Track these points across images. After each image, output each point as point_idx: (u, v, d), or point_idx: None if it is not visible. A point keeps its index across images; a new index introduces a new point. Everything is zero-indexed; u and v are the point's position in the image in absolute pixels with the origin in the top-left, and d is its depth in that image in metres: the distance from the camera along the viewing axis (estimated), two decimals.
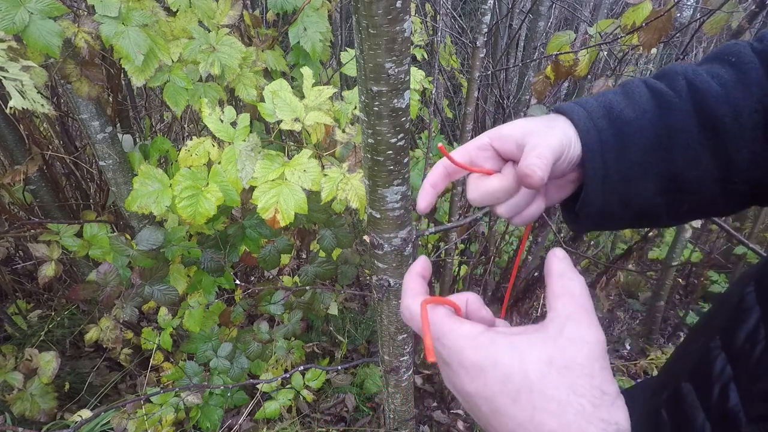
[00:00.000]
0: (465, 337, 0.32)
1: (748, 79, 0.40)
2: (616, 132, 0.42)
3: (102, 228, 1.44)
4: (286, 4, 1.29)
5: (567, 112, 0.43)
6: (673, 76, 0.43)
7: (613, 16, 3.29)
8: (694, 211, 0.45)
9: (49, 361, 1.43)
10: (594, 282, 1.90)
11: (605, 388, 0.29)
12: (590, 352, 0.30)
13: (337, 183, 1.03)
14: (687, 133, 0.41)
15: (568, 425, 0.28)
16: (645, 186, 0.43)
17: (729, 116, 0.40)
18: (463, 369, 0.32)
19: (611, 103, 0.43)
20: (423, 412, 2.02)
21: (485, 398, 0.31)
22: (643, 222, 0.47)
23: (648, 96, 0.43)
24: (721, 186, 0.42)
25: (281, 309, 1.52)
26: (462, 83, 2.79)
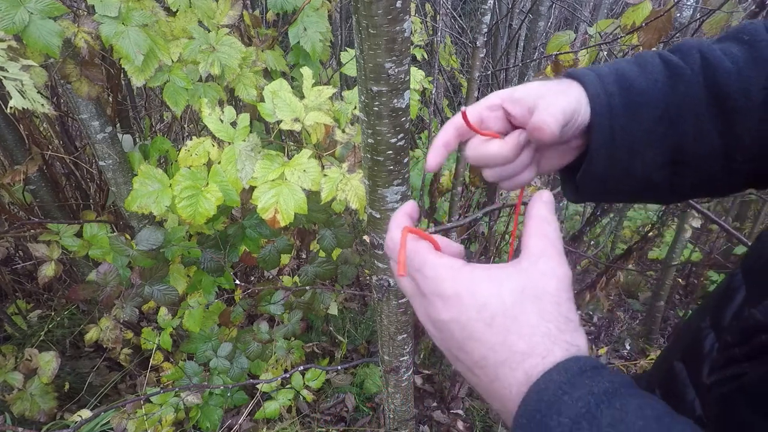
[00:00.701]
0: (446, 267, 0.34)
1: (761, 56, 0.40)
2: (626, 100, 0.42)
3: (102, 228, 1.44)
4: (286, 4, 1.29)
5: (579, 77, 0.43)
6: (688, 50, 0.43)
7: (613, 16, 3.29)
8: (693, 187, 0.46)
9: (49, 361, 1.43)
10: (594, 282, 1.90)
11: (570, 315, 0.32)
12: (559, 283, 0.33)
13: (337, 183, 1.03)
14: (696, 106, 0.41)
15: (536, 346, 0.31)
16: (650, 156, 0.43)
17: (739, 92, 0.40)
18: (439, 298, 0.34)
19: (624, 71, 0.43)
20: (423, 412, 2.02)
21: (460, 324, 0.33)
22: (644, 195, 0.47)
23: (661, 67, 0.43)
24: (722, 164, 0.42)
25: (281, 309, 1.52)
26: (462, 83, 2.79)
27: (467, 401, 2.09)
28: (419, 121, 3.28)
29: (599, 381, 0.29)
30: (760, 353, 0.33)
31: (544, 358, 0.30)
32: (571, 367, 0.29)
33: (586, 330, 2.97)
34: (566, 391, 0.28)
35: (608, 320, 3.01)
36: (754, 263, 0.41)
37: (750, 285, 0.41)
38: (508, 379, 0.31)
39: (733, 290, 0.41)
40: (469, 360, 0.33)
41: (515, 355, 0.31)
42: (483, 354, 0.32)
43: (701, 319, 0.45)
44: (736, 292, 0.41)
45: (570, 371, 0.29)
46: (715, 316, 0.43)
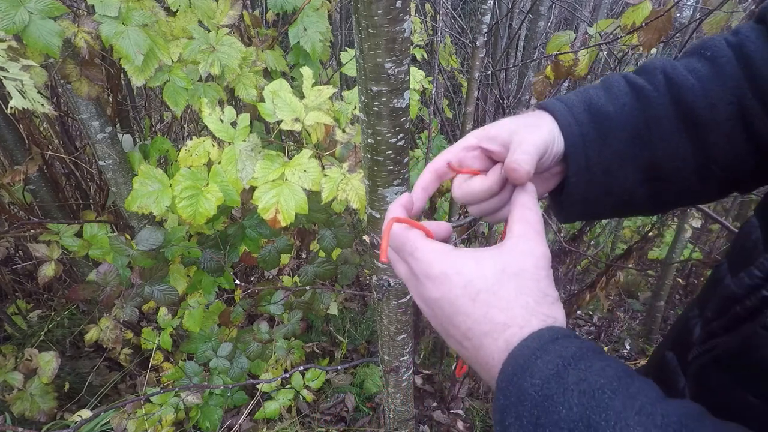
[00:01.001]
0: (435, 251, 0.37)
1: (723, 72, 0.42)
2: (597, 125, 0.44)
3: (102, 228, 1.44)
4: (286, 4, 1.29)
5: (549, 108, 0.45)
6: (651, 70, 0.45)
7: (613, 16, 3.29)
8: (675, 200, 0.48)
9: (49, 361, 1.43)
10: (594, 282, 1.90)
11: (548, 291, 0.35)
12: (537, 261, 0.36)
13: (338, 183, 1.03)
14: (665, 125, 0.43)
15: (514, 318, 0.34)
16: (626, 176, 0.45)
17: (705, 108, 0.42)
18: (429, 279, 0.37)
19: (591, 98, 0.45)
20: (423, 412, 2.02)
21: (449, 301, 0.36)
22: (627, 211, 0.49)
23: (627, 90, 0.45)
24: (699, 175, 0.44)
25: (281, 309, 1.52)
26: (462, 83, 2.79)
27: (467, 401, 2.09)
28: (419, 121, 3.28)
29: (568, 346, 0.32)
30: (735, 324, 0.35)
31: (521, 328, 0.33)
32: (544, 335, 0.32)
33: (586, 330, 2.97)
34: (539, 356, 0.31)
35: (608, 320, 3.01)
36: (739, 253, 0.43)
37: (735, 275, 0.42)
38: (491, 348, 0.34)
39: (718, 280, 0.43)
40: (458, 333, 0.36)
41: (497, 326, 0.34)
42: (469, 326, 0.35)
43: (690, 310, 0.47)
44: (721, 281, 0.42)
45: (543, 338, 0.32)
46: (701, 305, 0.45)
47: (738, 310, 0.35)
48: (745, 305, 0.34)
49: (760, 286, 0.33)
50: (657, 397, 0.29)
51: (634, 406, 0.28)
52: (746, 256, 0.40)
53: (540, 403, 0.30)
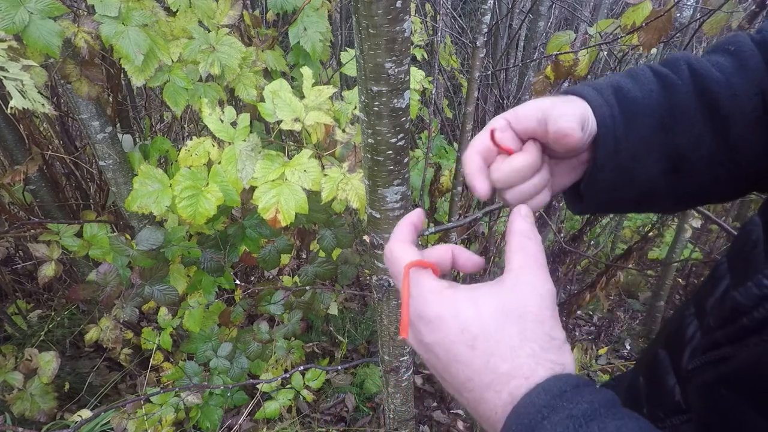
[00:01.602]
0: (431, 291, 0.34)
1: (747, 66, 0.41)
2: (625, 110, 0.43)
3: (102, 228, 1.44)
4: (286, 4, 1.29)
5: (578, 92, 0.44)
6: (676, 62, 0.45)
7: (613, 16, 3.29)
8: (696, 194, 0.46)
9: (49, 361, 1.42)
10: (594, 282, 1.90)
11: (554, 333, 0.32)
12: (542, 301, 0.33)
13: (338, 183, 1.03)
14: (689, 114, 0.42)
15: (519, 367, 0.31)
16: (651, 164, 0.44)
17: (728, 99, 0.41)
18: (422, 321, 0.34)
19: (619, 83, 0.44)
20: (423, 412, 2.02)
21: (444, 347, 0.33)
22: (647, 204, 0.48)
23: (653, 78, 0.44)
24: (723, 168, 0.43)
25: (281, 309, 1.52)
26: (462, 83, 2.79)
27: None
28: (419, 121, 3.28)
29: (579, 402, 0.29)
30: (741, 336, 0.33)
31: (527, 379, 0.30)
32: (551, 388, 0.29)
33: (585, 330, 2.97)
34: (545, 415, 0.28)
35: (608, 320, 3.01)
36: (739, 252, 0.42)
37: (734, 272, 0.41)
38: (494, 401, 0.31)
39: (717, 279, 0.42)
40: (455, 382, 0.33)
41: (500, 377, 0.31)
42: (468, 376, 0.32)
43: (685, 307, 0.46)
44: (720, 280, 0.42)
45: (550, 393, 0.29)
46: (698, 303, 0.44)
47: (745, 321, 0.33)
48: (753, 317, 0.32)
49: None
50: None
51: None
52: (746, 255, 0.40)
53: None
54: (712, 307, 0.41)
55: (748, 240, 0.41)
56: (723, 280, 0.42)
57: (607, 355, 2.70)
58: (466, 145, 1.64)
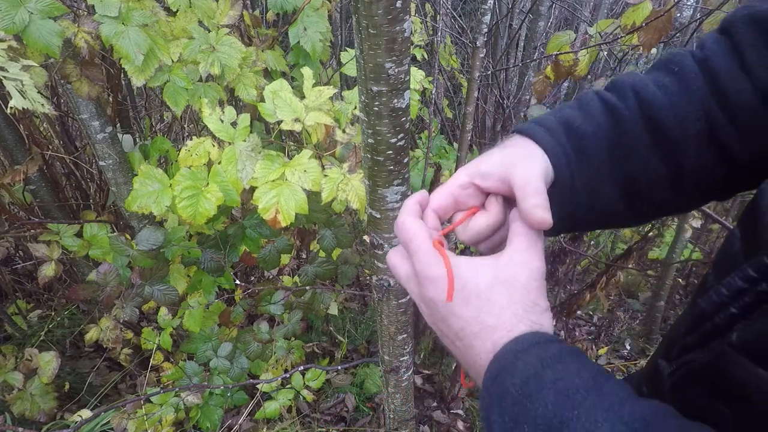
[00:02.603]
0: (435, 255, 0.39)
1: (690, 87, 0.43)
2: (576, 146, 0.45)
3: (102, 228, 1.44)
4: (286, 4, 1.29)
5: (529, 134, 0.45)
6: (622, 88, 0.46)
7: (613, 16, 3.28)
8: (654, 212, 0.49)
9: (49, 361, 1.42)
10: (594, 282, 1.90)
11: (538, 301, 0.38)
12: (531, 274, 0.38)
13: (338, 183, 1.03)
14: (638, 143, 0.44)
15: (503, 322, 0.36)
16: (606, 192, 0.46)
17: (674, 123, 0.43)
18: (428, 279, 0.39)
19: (569, 119, 0.46)
20: (423, 412, 2.02)
21: (443, 301, 0.38)
22: (610, 223, 0.51)
23: (601, 110, 0.46)
24: (673, 188, 0.45)
25: (281, 309, 1.52)
26: (462, 83, 2.79)
27: (467, 401, 2.09)
28: (419, 121, 3.28)
29: (548, 348, 0.34)
30: (706, 340, 0.36)
31: (508, 332, 0.36)
32: (527, 339, 0.35)
33: (585, 330, 2.97)
34: (520, 357, 0.34)
35: (608, 320, 3.01)
36: (722, 264, 0.43)
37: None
38: (480, 349, 0.37)
39: (706, 291, 0.43)
40: (450, 332, 0.39)
41: (486, 328, 0.37)
42: (461, 326, 0.38)
43: (683, 318, 0.47)
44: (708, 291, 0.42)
45: (526, 341, 0.35)
46: None
47: (708, 327, 0.36)
48: (714, 322, 0.35)
49: (727, 304, 0.34)
50: (627, 396, 0.30)
51: (604, 404, 0.30)
52: (728, 267, 0.41)
53: (519, 401, 0.32)
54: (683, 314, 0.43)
55: (729, 252, 0.43)
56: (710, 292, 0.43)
57: (607, 355, 2.70)
58: (466, 145, 1.64)
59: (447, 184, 0.46)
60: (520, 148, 0.45)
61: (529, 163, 0.42)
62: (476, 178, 0.44)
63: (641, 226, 3.54)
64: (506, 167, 0.42)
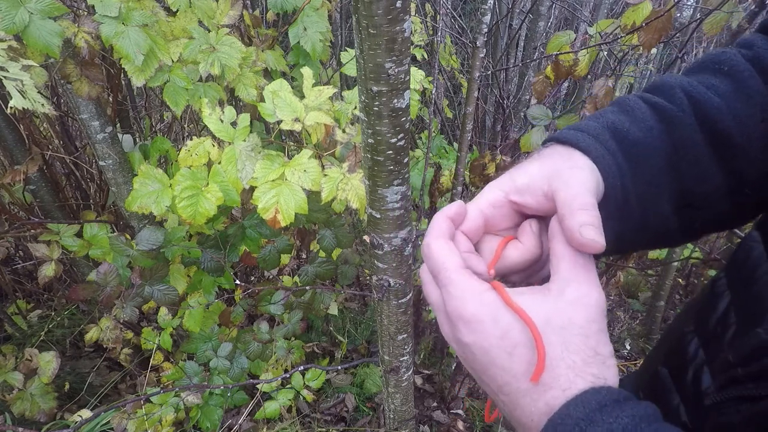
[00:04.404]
0: (470, 291, 0.33)
1: (747, 88, 0.38)
2: (627, 154, 0.39)
3: (102, 228, 1.44)
4: (286, 4, 1.29)
5: (572, 141, 0.39)
6: (669, 89, 0.41)
7: (613, 16, 3.28)
8: (707, 227, 0.44)
9: (49, 361, 1.42)
10: None
11: (599, 349, 0.30)
12: (588, 314, 0.31)
13: (338, 183, 1.03)
14: (694, 149, 0.39)
15: (557, 378, 0.30)
16: (660, 206, 0.40)
17: (735, 128, 0.38)
18: (461, 320, 0.33)
19: (614, 124, 0.40)
20: (423, 412, 2.02)
21: (483, 349, 0.32)
22: (659, 243, 0.45)
23: (650, 112, 0.40)
24: (731, 199, 0.40)
25: (281, 309, 1.52)
26: (462, 83, 2.79)
27: (467, 401, 2.09)
28: (419, 121, 3.28)
29: (619, 416, 0.27)
30: (764, 375, 0.32)
31: (564, 391, 0.29)
32: (590, 401, 0.28)
33: None
34: (583, 428, 0.28)
35: (608, 320, 3.00)
36: (740, 269, 0.40)
37: (735, 290, 0.39)
38: (530, 408, 0.31)
39: (716, 296, 0.40)
40: (493, 385, 0.33)
41: (537, 386, 0.30)
42: (506, 381, 0.32)
43: (684, 324, 0.44)
44: (719, 297, 0.40)
45: (589, 406, 0.28)
46: (698, 321, 0.42)
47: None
48: None
49: None
50: None
51: None
52: (748, 275, 0.38)
53: None
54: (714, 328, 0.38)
55: (749, 257, 0.39)
56: (723, 297, 0.40)
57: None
58: (466, 145, 1.64)
59: (477, 201, 0.39)
60: (561, 158, 0.38)
61: (577, 175, 0.35)
62: (512, 194, 0.37)
63: None
64: (548, 179, 0.36)
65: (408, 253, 0.88)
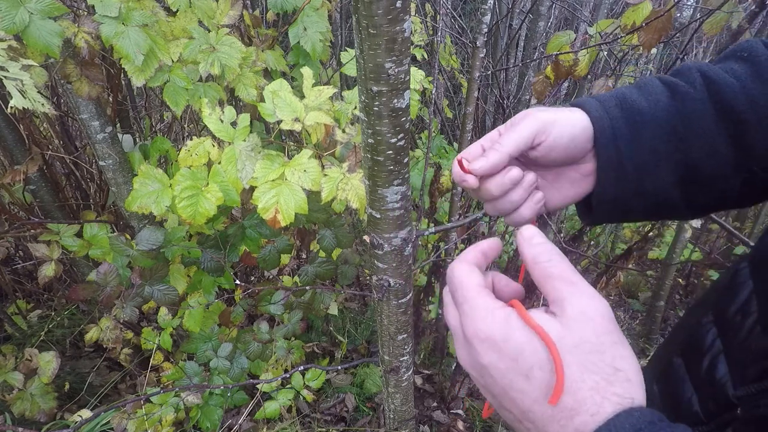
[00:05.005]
0: (483, 308, 0.32)
1: (765, 71, 0.40)
2: (629, 120, 0.42)
3: (102, 228, 1.44)
4: (286, 4, 1.29)
5: (580, 104, 0.44)
6: (687, 71, 0.44)
7: (613, 16, 3.28)
8: (711, 203, 0.45)
9: (49, 361, 1.42)
10: (594, 282, 1.90)
11: (618, 363, 0.29)
12: (595, 327, 0.30)
13: (337, 183, 1.03)
14: (704, 122, 0.41)
15: (583, 401, 0.28)
16: (660, 176, 0.42)
17: (746, 105, 0.40)
18: (477, 339, 0.32)
19: (624, 95, 0.44)
20: (423, 412, 2.02)
21: (500, 372, 0.31)
22: (661, 213, 0.46)
23: (661, 88, 0.43)
24: (739, 176, 0.42)
25: (281, 309, 1.52)
26: (462, 83, 2.79)
27: (467, 401, 2.09)
28: (419, 121, 3.28)
29: None
30: None
31: (593, 416, 0.28)
32: (623, 425, 0.27)
33: None
34: None
35: None
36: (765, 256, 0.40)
37: (759, 278, 0.40)
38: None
39: (737, 285, 0.41)
40: (516, 410, 0.31)
41: (562, 411, 0.29)
42: (528, 406, 0.30)
43: (702, 314, 0.44)
44: (741, 287, 0.40)
45: (624, 429, 0.27)
46: (717, 311, 0.43)
47: None
48: None
49: None
50: None
51: None
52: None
53: None
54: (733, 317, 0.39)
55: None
56: (744, 287, 0.40)
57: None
58: (466, 145, 1.64)
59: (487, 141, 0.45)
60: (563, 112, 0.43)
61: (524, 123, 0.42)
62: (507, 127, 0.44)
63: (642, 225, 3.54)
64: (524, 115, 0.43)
65: (408, 253, 0.88)
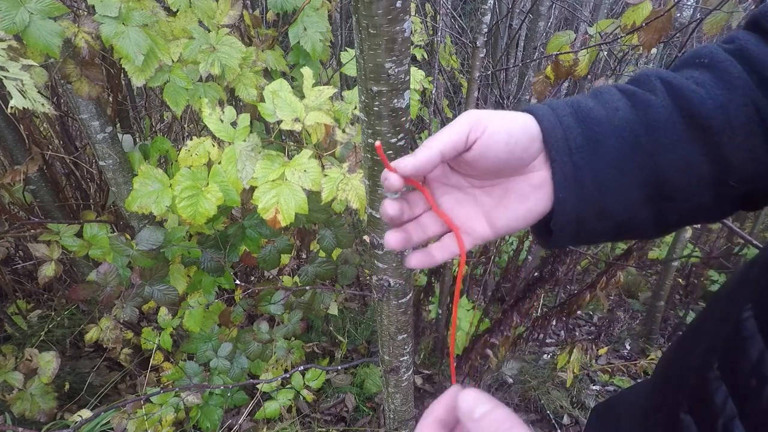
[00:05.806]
0: None
1: (727, 75, 0.37)
2: (586, 132, 0.38)
3: (102, 228, 1.44)
4: (286, 4, 1.29)
5: (528, 109, 0.40)
6: (645, 78, 0.40)
7: (613, 16, 3.28)
8: (682, 220, 0.42)
9: (49, 361, 1.42)
10: (594, 282, 1.90)
11: None
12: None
13: (338, 183, 1.03)
14: (671, 132, 0.37)
15: None
16: (626, 194, 0.39)
17: (716, 112, 0.36)
18: None
19: (579, 102, 0.40)
20: (423, 412, 2.02)
21: None
22: (626, 234, 0.42)
23: (619, 96, 0.40)
24: (714, 190, 0.38)
25: (281, 309, 1.52)
26: (462, 83, 2.79)
27: None
28: (419, 121, 3.28)
29: None
30: None
31: None
32: None
33: (585, 330, 2.98)
34: None
35: (608, 320, 3.01)
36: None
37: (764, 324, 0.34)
38: None
39: (744, 339, 0.35)
40: None
41: None
42: None
43: (706, 367, 0.38)
44: (748, 341, 0.34)
45: None
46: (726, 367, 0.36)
47: None
48: None
49: None
50: None
51: None
52: None
53: None
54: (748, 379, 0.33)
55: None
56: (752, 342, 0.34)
57: (607, 355, 2.70)
58: None
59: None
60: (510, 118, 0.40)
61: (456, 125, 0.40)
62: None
63: None
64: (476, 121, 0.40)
65: (408, 253, 0.88)
